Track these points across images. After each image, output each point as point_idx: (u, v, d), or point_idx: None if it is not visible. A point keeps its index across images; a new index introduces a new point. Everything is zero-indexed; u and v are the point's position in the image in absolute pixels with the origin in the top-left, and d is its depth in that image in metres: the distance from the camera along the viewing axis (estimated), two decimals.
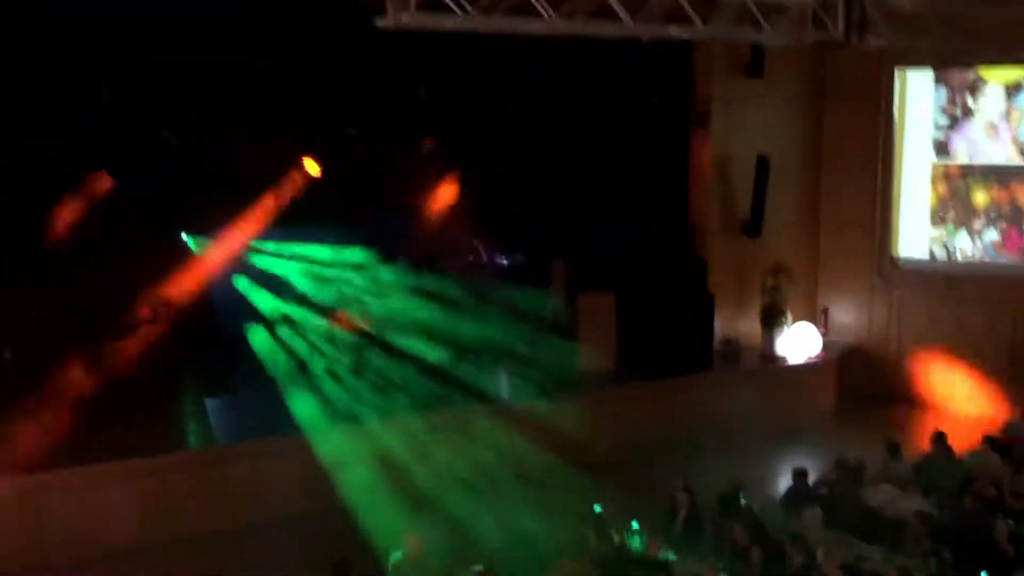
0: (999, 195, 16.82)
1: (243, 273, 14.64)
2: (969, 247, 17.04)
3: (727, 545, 10.23)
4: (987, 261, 16.90)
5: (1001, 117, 16.64)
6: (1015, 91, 16.53)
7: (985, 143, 16.78)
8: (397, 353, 14.56)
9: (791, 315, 16.84)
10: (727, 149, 16.85)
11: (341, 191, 14.42)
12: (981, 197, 16.92)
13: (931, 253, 17.34)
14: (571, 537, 10.51)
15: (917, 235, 17.40)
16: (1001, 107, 16.61)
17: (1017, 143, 16.53)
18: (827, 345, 17.22)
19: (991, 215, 16.88)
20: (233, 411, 13.73)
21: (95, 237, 12.88)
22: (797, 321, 16.99)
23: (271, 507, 12.47)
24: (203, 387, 13.72)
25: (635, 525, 10.34)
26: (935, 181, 17.23)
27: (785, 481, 12.39)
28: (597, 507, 10.51)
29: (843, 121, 17.59)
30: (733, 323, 17.06)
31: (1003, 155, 16.72)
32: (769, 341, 16.76)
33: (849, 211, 17.67)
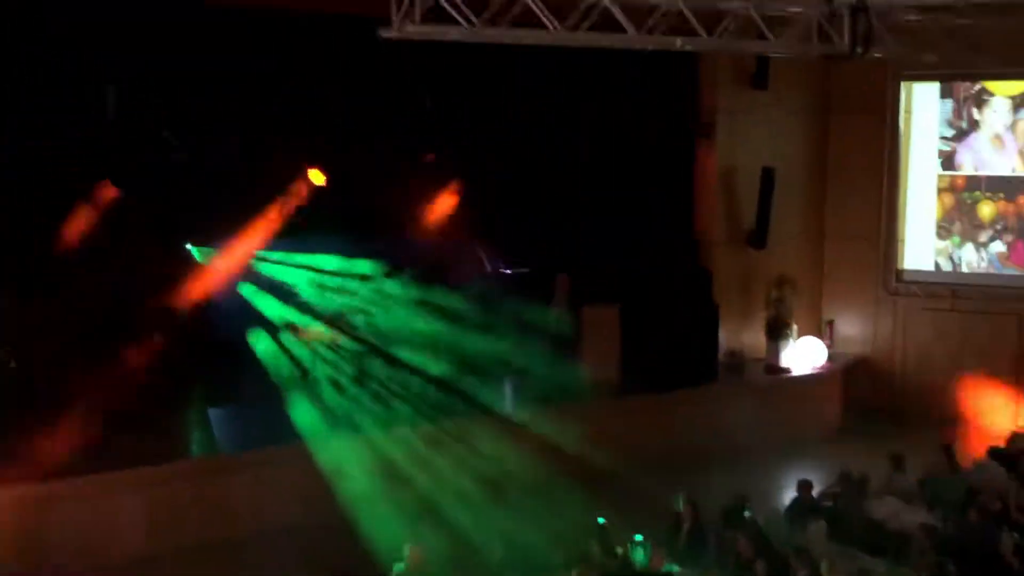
0: (1005, 207, 16.80)
1: (247, 283, 14.63)
2: (975, 259, 17.02)
3: (731, 558, 10.19)
4: (993, 273, 16.87)
5: (1007, 129, 16.64)
6: (1021, 103, 16.53)
7: (991, 155, 16.78)
8: (400, 364, 14.53)
9: (796, 327, 16.82)
10: (732, 160, 16.85)
11: (346, 201, 14.40)
12: (987, 209, 16.90)
13: (937, 265, 17.33)
14: (574, 549, 10.46)
15: (923, 247, 17.38)
16: (1007, 119, 16.61)
17: (1023, 155, 16.52)
18: (832, 357, 17.19)
19: (997, 227, 16.86)
20: (237, 421, 13.72)
21: (99, 246, 12.87)
22: (802, 333, 16.97)
23: (274, 516, 12.45)
24: (207, 397, 13.70)
25: (639, 538, 10.29)
26: (941, 193, 17.22)
27: (789, 494, 12.35)
28: (601, 519, 10.49)
29: (849, 133, 17.60)
30: (738, 335, 17.03)
31: (1009, 167, 16.72)
32: (774, 353, 16.72)
33: (854, 223, 17.66)
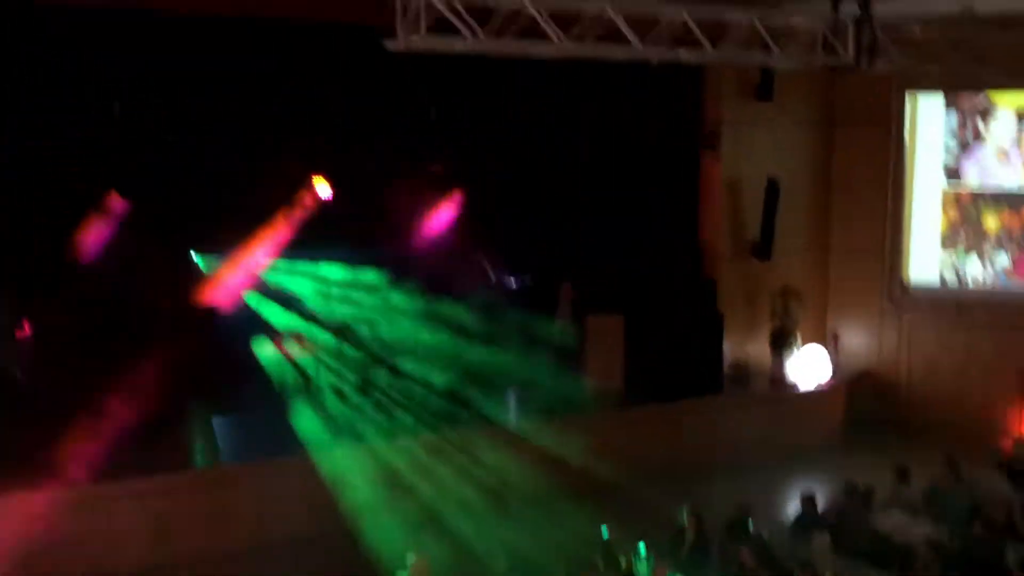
0: (1010, 220, 16.78)
1: (252, 292, 14.66)
2: (980, 272, 17.00)
3: (734, 569, 10.18)
4: (998, 286, 16.85)
5: (1012, 142, 16.63)
6: None
7: (996, 168, 16.76)
8: (404, 374, 14.55)
9: (801, 339, 16.81)
10: (737, 172, 16.86)
11: (351, 211, 14.44)
12: (992, 222, 16.89)
13: (942, 278, 17.30)
14: (578, 561, 10.46)
15: (927, 260, 17.35)
16: (1012, 132, 16.60)
17: None
18: (837, 369, 17.17)
19: (1002, 240, 16.84)
20: (241, 430, 13.72)
21: (104, 256, 12.91)
22: (807, 345, 16.95)
23: (278, 526, 12.45)
24: (211, 406, 13.71)
25: (642, 549, 10.28)
26: (946, 206, 17.20)
27: (794, 506, 12.34)
28: (604, 531, 10.47)
29: (853, 145, 17.59)
30: (742, 346, 17.00)
31: (1014, 180, 16.70)
32: (778, 365, 16.72)
33: (859, 235, 17.64)
